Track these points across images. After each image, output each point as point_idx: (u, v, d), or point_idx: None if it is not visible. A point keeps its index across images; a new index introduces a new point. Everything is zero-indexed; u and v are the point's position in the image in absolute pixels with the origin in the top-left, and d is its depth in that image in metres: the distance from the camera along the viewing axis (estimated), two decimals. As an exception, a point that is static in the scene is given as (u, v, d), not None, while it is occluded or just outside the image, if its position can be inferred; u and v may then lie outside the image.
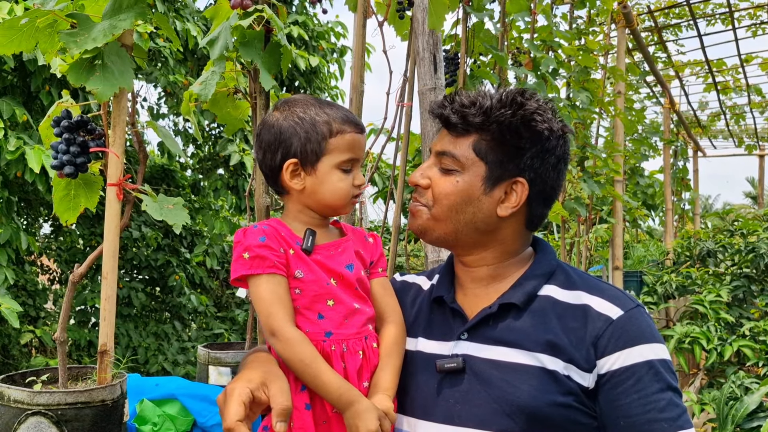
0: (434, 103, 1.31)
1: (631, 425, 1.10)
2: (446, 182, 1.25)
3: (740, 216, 8.91)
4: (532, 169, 1.23)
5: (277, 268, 1.19)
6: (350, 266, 1.27)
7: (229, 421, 1.02)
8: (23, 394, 1.71)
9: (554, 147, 1.24)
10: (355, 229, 1.37)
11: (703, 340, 5.36)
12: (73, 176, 1.80)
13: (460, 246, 1.29)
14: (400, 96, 2.82)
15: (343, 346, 1.21)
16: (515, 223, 1.26)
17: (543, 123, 1.21)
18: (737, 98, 10.11)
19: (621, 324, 1.15)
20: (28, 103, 5.14)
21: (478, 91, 1.27)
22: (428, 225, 1.28)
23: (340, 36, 7.42)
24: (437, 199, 1.25)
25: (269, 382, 1.09)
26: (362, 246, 1.33)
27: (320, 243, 1.27)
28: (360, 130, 1.29)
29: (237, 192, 7.07)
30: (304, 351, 1.16)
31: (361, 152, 1.29)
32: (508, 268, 1.28)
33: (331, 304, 1.22)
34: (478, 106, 1.22)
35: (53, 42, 1.71)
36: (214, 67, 2.01)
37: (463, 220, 1.24)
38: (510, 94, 1.23)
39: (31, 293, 6.18)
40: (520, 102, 1.21)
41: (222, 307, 7.95)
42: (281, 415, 1.05)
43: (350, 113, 1.30)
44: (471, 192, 1.23)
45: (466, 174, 1.23)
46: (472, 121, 1.22)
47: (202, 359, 2.87)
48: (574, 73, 4.40)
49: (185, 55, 6.36)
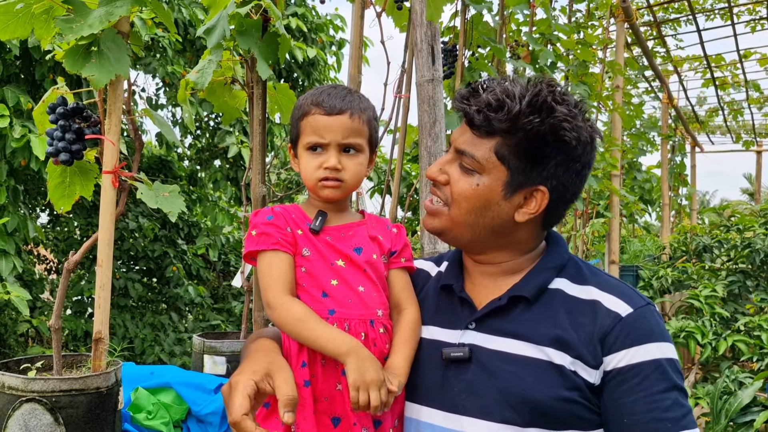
0: (458, 93, 1.23)
1: (635, 423, 1.09)
2: (466, 183, 1.20)
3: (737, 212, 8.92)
4: (555, 177, 1.18)
5: (281, 245, 1.22)
6: (359, 249, 1.27)
7: (234, 415, 1.02)
8: (17, 380, 1.71)
9: (580, 155, 1.18)
10: (378, 218, 1.38)
11: (698, 335, 5.38)
12: (68, 163, 1.79)
13: (476, 247, 1.27)
14: (398, 87, 2.81)
15: (345, 326, 1.21)
16: (532, 225, 1.24)
17: (572, 132, 1.14)
18: (735, 94, 10.14)
19: (630, 322, 1.14)
20: (32, 92, 5.12)
21: (505, 87, 1.17)
22: (447, 226, 1.24)
23: (338, 29, 7.41)
24: (456, 200, 1.21)
25: (273, 373, 1.09)
26: (382, 233, 1.33)
27: (332, 225, 1.29)
28: (327, 112, 1.26)
29: (237, 183, 7.07)
30: (298, 310, 1.18)
31: (327, 134, 1.25)
32: (520, 264, 1.27)
33: (335, 283, 1.24)
34: (505, 111, 1.14)
35: (49, 28, 1.70)
36: (211, 56, 2.01)
37: (482, 224, 1.21)
38: (541, 98, 1.14)
39: (28, 283, 6.17)
40: (550, 107, 1.14)
41: (219, 299, 7.95)
42: (288, 405, 1.04)
43: (331, 94, 1.28)
44: (491, 197, 1.19)
45: (486, 177, 1.19)
46: (497, 126, 1.15)
47: (197, 348, 2.87)
48: (573, 66, 4.39)
49: (184, 45, 6.34)
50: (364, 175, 1.32)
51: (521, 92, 1.15)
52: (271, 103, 2.33)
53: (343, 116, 1.26)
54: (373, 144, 1.33)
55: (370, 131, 1.31)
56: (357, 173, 1.29)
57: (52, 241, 6.78)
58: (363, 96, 1.34)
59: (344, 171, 1.27)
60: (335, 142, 1.26)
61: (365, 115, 1.29)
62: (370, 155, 1.33)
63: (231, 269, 7.95)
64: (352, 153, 1.28)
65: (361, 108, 1.29)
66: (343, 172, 1.27)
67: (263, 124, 2.14)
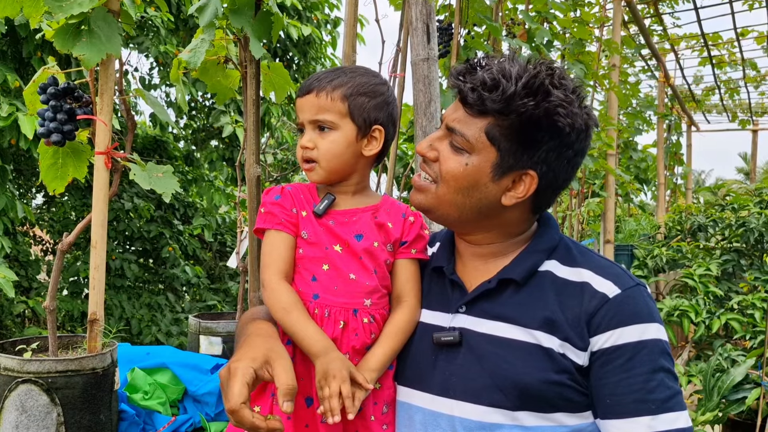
0: (454, 69, 1.20)
1: (617, 404, 1.09)
2: (455, 162, 1.18)
3: (732, 191, 8.94)
4: (546, 162, 1.16)
5: (283, 225, 1.25)
6: (359, 236, 1.26)
7: (233, 403, 1.01)
8: (13, 361, 1.71)
9: (573, 142, 1.16)
10: (396, 205, 1.35)
11: (691, 314, 5.42)
12: (60, 144, 1.78)
13: (463, 227, 1.26)
14: (393, 66, 2.79)
15: (325, 312, 1.22)
16: (520, 209, 1.22)
17: (566, 118, 1.12)
18: (732, 72, 10.09)
19: (616, 303, 1.13)
20: (20, 69, 5.06)
21: (502, 66, 1.14)
22: (433, 204, 1.22)
23: (334, 7, 7.34)
24: (444, 178, 1.19)
25: (273, 361, 1.08)
26: (393, 220, 1.31)
27: (339, 209, 1.29)
28: (299, 94, 1.28)
29: (232, 164, 7.04)
30: (286, 300, 1.20)
31: (300, 114, 1.27)
32: (510, 246, 1.26)
33: (325, 268, 1.24)
34: (500, 91, 1.11)
35: (38, 6, 1.68)
36: (204, 35, 1.99)
37: (468, 204, 1.19)
38: (538, 81, 1.11)
39: (23, 264, 6.17)
40: (547, 90, 1.11)
41: (215, 279, 7.96)
42: (287, 395, 1.04)
43: (313, 76, 1.28)
44: (479, 177, 1.17)
45: (475, 157, 1.16)
46: (490, 106, 1.13)
47: (192, 329, 2.88)
48: (569, 45, 4.36)
49: (177, 24, 6.28)
50: (347, 154, 1.27)
51: (518, 73, 1.12)
52: (265, 82, 2.31)
53: (310, 95, 1.26)
54: (361, 119, 1.26)
55: (350, 106, 1.25)
56: (330, 151, 1.25)
57: (48, 222, 6.76)
58: (357, 72, 1.29)
59: (316, 150, 1.25)
60: (306, 121, 1.27)
61: (339, 91, 1.25)
62: (364, 132, 1.27)
63: (227, 249, 7.95)
64: (325, 131, 1.26)
65: (334, 84, 1.25)
66: (315, 150, 1.25)
67: (257, 104, 2.12)
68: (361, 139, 1.28)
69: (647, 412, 1.08)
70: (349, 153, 1.27)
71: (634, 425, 1.08)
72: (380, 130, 1.29)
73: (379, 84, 1.30)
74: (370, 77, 1.30)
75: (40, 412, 1.68)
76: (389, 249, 1.30)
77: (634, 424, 1.08)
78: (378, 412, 1.23)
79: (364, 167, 1.32)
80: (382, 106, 1.29)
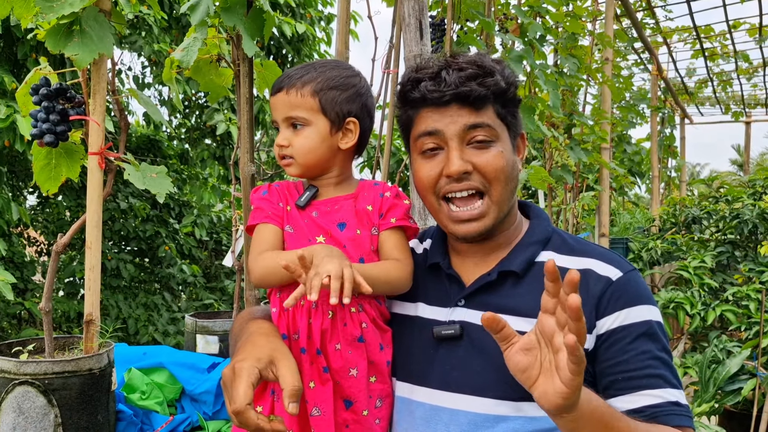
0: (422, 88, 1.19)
1: (630, 379, 1.11)
2: (493, 158, 1.17)
3: (725, 183, 8.97)
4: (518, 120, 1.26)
5: (270, 218, 1.26)
6: (342, 225, 1.26)
7: (238, 404, 0.99)
8: (10, 363, 1.71)
9: None
10: (372, 187, 1.32)
11: (687, 306, 5.44)
12: (53, 145, 1.77)
13: (500, 224, 1.24)
14: (386, 63, 2.79)
15: (312, 303, 1.20)
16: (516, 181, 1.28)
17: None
18: (724, 65, 10.11)
19: (621, 284, 1.16)
20: (15, 71, 5.03)
21: (463, 61, 1.19)
22: (494, 215, 1.20)
23: (327, 3, 7.32)
24: (493, 180, 1.18)
25: (277, 361, 1.07)
26: (372, 202, 1.29)
27: (322, 199, 1.30)
28: (275, 91, 1.28)
29: (224, 162, 7.02)
30: (269, 255, 1.21)
31: (274, 113, 1.29)
32: (506, 238, 1.27)
33: None
34: (496, 75, 1.18)
35: (29, 7, 1.67)
36: (196, 33, 1.99)
37: (512, 189, 1.20)
38: (487, 59, 1.20)
39: (18, 265, 6.14)
40: (500, 62, 1.22)
41: (211, 278, 7.95)
42: (293, 396, 1.02)
43: (287, 74, 1.28)
44: (514, 158, 1.22)
45: (500, 143, 1.19)
46: (487, 94, 1.17)
47: (189, 328, 2.88)
48: (562, 39, 4.36)
49: (170, 23, 6.25)
50: (322, 149, 1.27)
51: (477, 60, 1.20)
52: (259, 80, 2.30)
53: (281, 93, 1.27)
54: (334, 113, 1.26)
55: (321, 101, 1.25)
56: (304, 147, 1.26)
57: (42, 223, 6.74)
58: (327, 66, 1.29)
59: (291, 147, 1.27)
60: (280, 119, 1.28)
61: (309, 87, 1.25)
62: (338, 125, 1.27)
63: (223, 248, 7.94)
64: (299, 128, 1.27)
65: (304, 81, 1.25)
66: (290, 148, 1.27)
67: (251, 102, 2.12)
68: (336, 133, 1.28)
69: (658, 386, 1.11)
70: (324, 147, 1.27)
71: (649, 398, 1.10)
72: (354, 122, 1.29)
73: (350, 76, 1.29)
74: (341, 70, 1.29)
75: (38, 413, 1.68)
76: (374, 233, 1.28)
77: (649, 396, 1.10)
78: (371, 405, 1.24)
79: (344, 160, 1.32)
80: (354, 98, 1.28)
